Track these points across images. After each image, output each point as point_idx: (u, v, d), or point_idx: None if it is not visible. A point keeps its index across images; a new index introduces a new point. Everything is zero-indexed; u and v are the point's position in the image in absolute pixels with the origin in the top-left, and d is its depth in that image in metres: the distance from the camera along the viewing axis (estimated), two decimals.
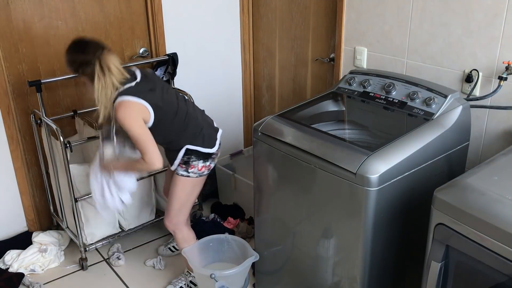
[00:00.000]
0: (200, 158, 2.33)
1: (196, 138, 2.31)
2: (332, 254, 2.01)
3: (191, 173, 2.34)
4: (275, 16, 3.24)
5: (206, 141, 2.34)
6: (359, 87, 2.32)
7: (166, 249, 2.91)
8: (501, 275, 1.42)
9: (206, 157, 2.35)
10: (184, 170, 2.33)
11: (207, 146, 2.34)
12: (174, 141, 2.30)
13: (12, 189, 2.89)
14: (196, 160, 2.32)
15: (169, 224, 2.46)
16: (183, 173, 2.34)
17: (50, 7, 2.74)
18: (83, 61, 2.12)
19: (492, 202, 1.44)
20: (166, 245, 2.92)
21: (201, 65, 3.37)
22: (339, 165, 1.83)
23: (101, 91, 2.12)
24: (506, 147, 1.87)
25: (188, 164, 2.32)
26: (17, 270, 2.71)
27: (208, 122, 2.43)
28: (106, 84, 2.11)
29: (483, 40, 2.12)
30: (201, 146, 2.32)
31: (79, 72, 2.17)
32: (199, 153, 2.32)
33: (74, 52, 2.17)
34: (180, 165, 2.33)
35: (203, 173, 2.37)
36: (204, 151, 2.33)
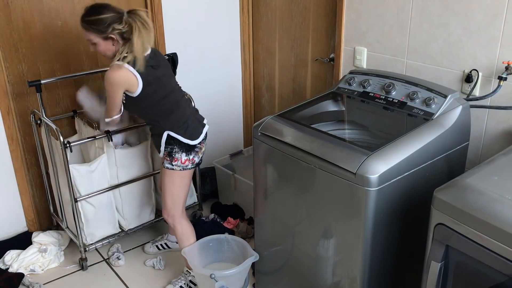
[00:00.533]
0: (182, 150, 2.37)
1: (178, 126, 2.37)
2: (332, 254, 2.01)
3: (175, 166, 2.39)
4: (275, 16, 3.24)
5: (189, 132, 2.38)
6: (359, 87, 2.32)
7: (153, 247, 2.91)
8: (501, 275, 1.42)
9: (188, 150, 2.39)
10: (169, 162, 2.40)
11: (188, 137, 2.38)
12: (157, 124, 2.38)
13: (12, 189, 2.89)
14: (178, 152, 2.37)
15: (168, 217, 2.51)
16: (168, 166, 2.41)
17: (50, 7, 2.74)
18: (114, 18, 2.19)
19: (492, 202, 1.44)
20: (154, 243, 2.92)
21: (201, 65, 3.37)
22: (339, 165, 1.83)
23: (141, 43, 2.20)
24: (506, 147, 1.87)
25: (172, 156, 2.38)
26: (17, 270, 2.71)
27: (197, 118, 2.49)
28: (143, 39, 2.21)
29: (483, 40, 2.12)
30: (182, 135, 2.36)
31: (107, 31, 2.20)
32: (181, 144, 2.37)
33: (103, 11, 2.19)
34: (165, 158, 2.40)
35: (186, 167, 2.41)
36: (185, 141, 2.37)
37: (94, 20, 2.19)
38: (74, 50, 2.88)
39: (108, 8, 2.21)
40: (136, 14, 2.20)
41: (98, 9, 2.21)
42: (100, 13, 2.19)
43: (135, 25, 2.18)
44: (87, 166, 2.60)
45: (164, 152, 2.40)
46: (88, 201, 2.66)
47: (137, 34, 2.18)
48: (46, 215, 3.09)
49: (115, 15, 2.19)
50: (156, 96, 2.32)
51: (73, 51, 2.88)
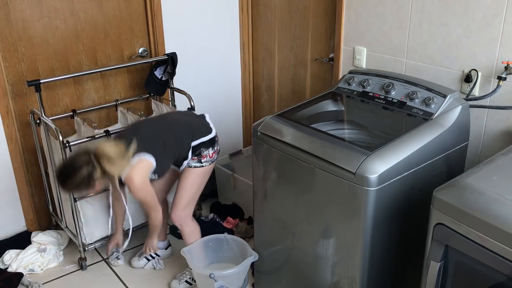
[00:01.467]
0: (208, 146, 2.43)
1: (194, 133, 2.40)
2: (332, 254, 2.01)
3: (204, 162, 2.44)
4: (275, 16, 3.24)
5: (203, 130, 2.43)
6: (359, 87, 2.32)
7: (142, 259, 2.82)
8: (501, 275, 1.42)
9: (212, 143, 2.45)
10: (197, 161, 2.42)
11: (206, 133, 2.43)
12: (181, 151, 2.38)
13: (11, 189, 2.89)
14: (206, 150, 2.42)
15: (177, 219, 2.50)
16: (196, 165, 2.43)
17: (49, 6, 2.74)
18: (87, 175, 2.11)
19: (491, 202, 1.44)
20: (141, 255, 2.82)
21: (201, 65, 3.37)
22: (338, 165, 1.83)
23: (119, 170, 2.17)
24: (505, 147, 1.87)
25: (200, 155, 2.42)
26: (16, 270, 2.70)
27: (192, 114, 2.55)
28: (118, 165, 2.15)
29: (482, 40, 2.12)
30: (203, 136, 2.41)
31: (91, 183, 2.15)
32: (204, 142, 2.41)
33: (74, 173, 2.11)
34: (192, 159, 2.42)
35: (214, 159, 2.48)
36: (208, 138, 2.42)
37: (74, 187, 2.16)
38: (73, 50, 2.88)
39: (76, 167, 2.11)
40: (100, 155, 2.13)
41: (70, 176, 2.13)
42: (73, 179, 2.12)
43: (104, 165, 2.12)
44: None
45: (192, 157, 2.41)
46: (87, 201, 2.66)
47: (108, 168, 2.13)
48: (45, 214, 3.08)
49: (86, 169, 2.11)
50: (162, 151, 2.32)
51: (73, 50, 2.88)
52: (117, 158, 2.13)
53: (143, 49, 3.12)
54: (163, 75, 3.05)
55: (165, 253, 2.87)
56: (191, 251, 2.51)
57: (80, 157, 2.14)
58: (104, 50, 2.98)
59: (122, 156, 2.15)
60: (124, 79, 3.12)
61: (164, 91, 3.11)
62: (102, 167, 2.12)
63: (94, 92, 3.04)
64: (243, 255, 2.50)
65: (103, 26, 2.94)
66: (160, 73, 3.04)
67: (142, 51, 3.12)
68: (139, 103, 3.20)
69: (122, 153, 2.15)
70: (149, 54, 3.15)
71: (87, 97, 3.02)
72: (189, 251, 2.50)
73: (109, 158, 2.11)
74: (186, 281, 2.62)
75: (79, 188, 2.17)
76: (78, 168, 2.10)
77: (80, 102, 3.00)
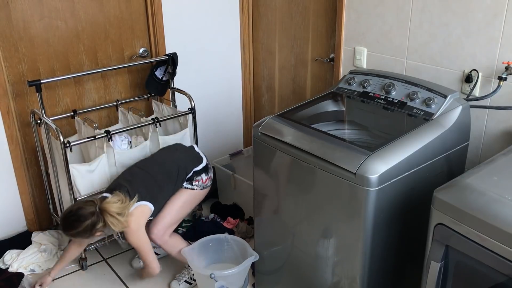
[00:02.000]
0: (201, 173, 2.54)
1: (186, 168, 2.51)
2: (332, 254, 2.01)
3: (195, 186, 2.53)
4: (275, 16, 3.24)
5: (194, 161, 2.57)
6: (359, 87, 2.32)
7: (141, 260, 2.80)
8: (501, 275, 1.42)
9: (205, 170, 2.58)
10: (189, 183, 2.52)
11: (198, 163, 2.57)
12: (176, 187, 2.51)
13: (11, 189, 2.89)
14: (199, 176, 2.53)
15: (156, 239, 2.51)
16: (187, 186, 2.52)
17: (50, 7, 2.74)
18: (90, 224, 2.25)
19: (491, 202, 1.44)
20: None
21: (201, 65, 3.37)
22: (338, 165, 1.83)
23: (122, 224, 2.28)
24: (505, 147, 1.87)
25: (192, 179, 2.52)
26: (17, 270, 2.71)
27: (181, 148, 2.64)
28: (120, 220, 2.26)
29: (482, 40, 2.12)
30: (194, 167, 2.55)
31: (94, 233, 2.30)
32: (196, 171, 2.55)
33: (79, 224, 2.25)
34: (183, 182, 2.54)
35: (207, 185, 2.57)
36: (199, 168, 2.56)
37: (76, 233, 2.28)
38: (74, 50, 2.88)
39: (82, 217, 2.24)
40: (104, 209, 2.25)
41: (74, 223, 2.25)
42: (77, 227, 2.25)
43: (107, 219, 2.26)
44: (87, 166, 2.60)
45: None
46: None
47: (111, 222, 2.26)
48: (46, 214, 3.09)
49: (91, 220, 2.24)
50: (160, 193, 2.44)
51: (73, 50, 2.88)
52: (120, 215, 2.25)
53: (143, 49, 3.13)
54: (163, 75, 3.05)
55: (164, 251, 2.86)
56: (191, 251, 2.52)
57: (86, 208, 2.25)
58: (104, 50, 2.99)
59: (125, 212, 2.27)
60: (125, 79, 3.12)
61: (165, 91, 3.11)
62: (105, 221, 2.25)
63: (95, 92, 3.04)
64: (243, 255, 2.50)
65: (104, 26, 2.94)
66: (161, 73, 3.04)
67: (142, 51, 3.13)
68: (140, 103, 3.20)
69: (125, 208, 2.27)
70: (150, 54, 3.15)
71: (88, 97, 3.02)
72: (189, 251, 2.50)
73: (112, 214, 2.23)
74: (185, 281, 2.62)
75: (81, 235, 2.30)
76: (84, 217, 2.24)
77: (81, 102, 3.00)
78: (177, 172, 2.48)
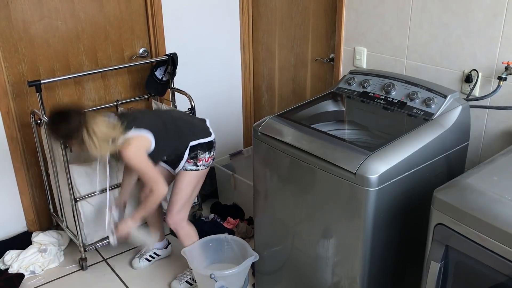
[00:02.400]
0: (205, 149, 2.42)
1: (194, 133, 2.41)
2: (332, 254, 2.01)
3: (200, 166, 2.42)
4: (275, 16, 3.24)
5: (203, 132, 2.44)
6: (359, 87, 2.32)
7: (142, 260, 2.82)
8: (501, 275, 1.42)
9: (209, 147, 2.45)
10: (193, 164, 2.41)
11: (206, 135, 2.43)
12: (179, 146, 2.37)
13: (11, 189, 2.89)
14: (203, 153, 2.41)
15: (172, 222, 2.48)
16: (192, 168, 2.41)
17: (50, 7, 2.74)
18: (70, 131, 2.13)
19: (491, 202, 1.44)
20: (141, 256, 2.83)
21: (201, 65, 3.37)
22: (338, 165, 1.83)
23: (97, 150, 2.16)
24: (505, 147, 1.87)
25: (196, 158, 2.41)
26: (17, 270, 2.70)
27: (195, 118, 2.56)
28: (98, 145, 2.14)
29: (482, 40, 2.12)
30: (202, 137, 2.41)
31: (69, 141, 2.22)
32: (203, 145, 2.41)
33: (58, 123, 2.15)
34: (188, 161, 2.40)
35: (209, 164, 2.48)
36: (207, 140, 2.42)
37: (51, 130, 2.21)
38: (74, 50, 2.88)
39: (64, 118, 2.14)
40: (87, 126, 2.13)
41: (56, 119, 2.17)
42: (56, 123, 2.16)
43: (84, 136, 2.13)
44: (87, 166, 2.60)
45: (187, 159, 2.40)
46: (88, 201, 2.66)
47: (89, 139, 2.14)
48: (46, 215, 3.09)
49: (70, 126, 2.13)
50: (162, 131, 2.32)
51: (73, 51, 2.88)
52: (100, 137, 2.13)
53: (143, 50, 3.13)
54: (163, 76, 3.05)
55: (165, 252, 2.88)
56: (191, 251, 2.52)
57: (75, 114, 2.13)
58: (104, 50, 2.99)
59: (109, 137, 2.15)
60: (125, 79, 3.12)
61: (165, 91, 3.11)
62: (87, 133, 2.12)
63: (95, 93, 3.04)
64: (243, 256, 2.50)
65: (104, 26, 2.94)
66: (161, 73, 3.04)
67: (142, 52, 3.13)
68: (140, 103, 3.20)
69: (110, 134, 2.16)
70: (150, 54, 3.15)
71: (88, 98, 3.02)
72: (189, 252, 2.50)
73: (90, 133, 2.12)
74: (186, 281, 2.62)
75: (54, 134, 2.21)
76: (66, 119, 2.11)
77: (81, 102, 3.00)
78: (187, 132, 2.39)
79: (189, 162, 2.40)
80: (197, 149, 2.40)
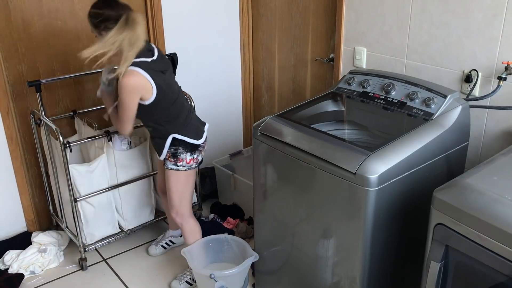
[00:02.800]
0: (187, 150, 2.37)
1: (183, 128, 2.36)
2: (332, 254, 2.01)
3: (180, 167, 2.39)
4: (275, 16, 3.24)
5: (193, 132, 2.39)
6: (359, 87, 2.32)
7: (158, 248, 2.90)
8: (501, 275, 1.42)
9: (193, 149, 2.39)
10: (173, 164, 2.38)
11: (193, 137, 2.38)
12: (163, 128, 2.34)
13: (11, 189, 2.89)
14: (183, 153, 2.37)
15: (176, 216, 2.51)
16: (172, 167, 2.39)
17: (50, 7, 2.74)
18: (109, 16, 2.10)
19: (491, 202, 1.44)
20: (157, 243, 2.92)
21: (201, 65, 3.37)
22: (338, 165, 1.83)
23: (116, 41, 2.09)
24: (505, 147, 1.87)
25: (176, 157, 2.37)
26: (17, 271, 2.70)
27: (196, 116, 2.51)
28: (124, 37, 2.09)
29: (482, 40, 2.12)
30: (188, 136, 2.36)
31: (100, 27, 2.14)
32: (186, 144, 2.36)
33: (103, 7, 2.13)
34: (169, 159, 2.38)
35: (191, 166, 2.41)
36: (191, 141, 2.37)
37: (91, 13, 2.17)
38: (73, 50, 2.88)
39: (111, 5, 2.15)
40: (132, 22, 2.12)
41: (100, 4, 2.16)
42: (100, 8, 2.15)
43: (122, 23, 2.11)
44: (86, 166, 2.60)
45: (167, 154, 2.38)
46: (87, 201, 2.66)
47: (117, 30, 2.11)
48: (46, 215, 3.09)
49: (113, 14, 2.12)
50: (166, 102, 2.28)
51: (73, 51, 2.88)
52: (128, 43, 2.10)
53: None
54: None
55: (180, 240, 2.93)
56: (191, 251, 2.52)
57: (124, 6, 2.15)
58: None
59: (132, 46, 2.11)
60: None
61: None
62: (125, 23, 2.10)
63: (95, 93, 3.01)
64: (243, 256, 2.50)
65: None
66: None
67: None
68: None
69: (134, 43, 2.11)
70: None
71: (88, 98, 3.02)
72: (189, 251, 2.50)
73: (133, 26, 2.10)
74: (186, 282, 2.63)
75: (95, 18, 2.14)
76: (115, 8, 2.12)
77: (81, 102, 3.00)
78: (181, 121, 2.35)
79: (170, 160, 2.38)
80: (179, 146, 2.35)
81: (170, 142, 2.35)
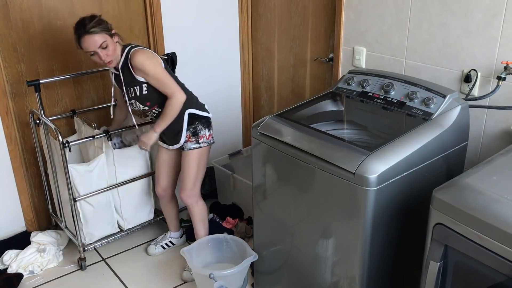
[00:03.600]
0: (204, 125, 2.53)
1: (194, 103, 2.53)
2: (331, 254, 2.01)
3: (202, 143, 2.51)
4: (274, 16, 3.24)
5: (203, 107, 2.57)
6: (358, 87, 2.32)
7: (158, 248, 2.91)
8: (500, 275, 1.42)
9: (208, 124, 2.55)
10: (195, 142, 2.50)
11: (206, 111, 2.57)
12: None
13: (10, 189, 2.89)
14: (203, 129, 2.51)
15: (187, 199, 2.61)
16: (194, 146, 2.51)
17: (49, 6, 2.74)
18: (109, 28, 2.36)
19: (490, 202, 1.44)
20: (157, 244, 2.92)
21: (200, 65, 3.37)
22: (338, 165, 1.83)
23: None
24: (504, 147, 1.87)
25: (197, 135, 2.50)
26: (16, 270, 2.70)
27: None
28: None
29: (481, 40, 2.12)
30: (201, 110, 2.53)
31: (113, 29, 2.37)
32: (202, 119, 2.52)
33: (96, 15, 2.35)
34: (189, 140, 2.49)
35: (210, 142, 2.56)
36: (205, 115, 2.54)
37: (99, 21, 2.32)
38: (73, 50, 2.87)
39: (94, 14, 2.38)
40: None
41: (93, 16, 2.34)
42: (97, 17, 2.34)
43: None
44: (86, 165, 2.60)
45: (187, 135, 2.48)
46: (87, 201, 2.66)
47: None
48: (45, 214, 3.08)
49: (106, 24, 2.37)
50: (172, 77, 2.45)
51: (72, 50, 2.87)
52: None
53: None
54: None
55: (180, 241, 2.97)
56: (190, 251, 2.52)
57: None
58: None
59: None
60: None
61: None
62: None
63: (94, 92, 3.04)
64: (242, 255, 2.50)
65: None
66: None
67: None
68: None
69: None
70: None
71: (87, 97, 3.02)
72: (188, 251, 2.50)
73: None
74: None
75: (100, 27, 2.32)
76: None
77: (80, 102, 3.00)
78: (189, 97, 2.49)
79: (190, 140, 2.49)
80: (197, 123, 2.49)
81: (187, 121, 2.46)
